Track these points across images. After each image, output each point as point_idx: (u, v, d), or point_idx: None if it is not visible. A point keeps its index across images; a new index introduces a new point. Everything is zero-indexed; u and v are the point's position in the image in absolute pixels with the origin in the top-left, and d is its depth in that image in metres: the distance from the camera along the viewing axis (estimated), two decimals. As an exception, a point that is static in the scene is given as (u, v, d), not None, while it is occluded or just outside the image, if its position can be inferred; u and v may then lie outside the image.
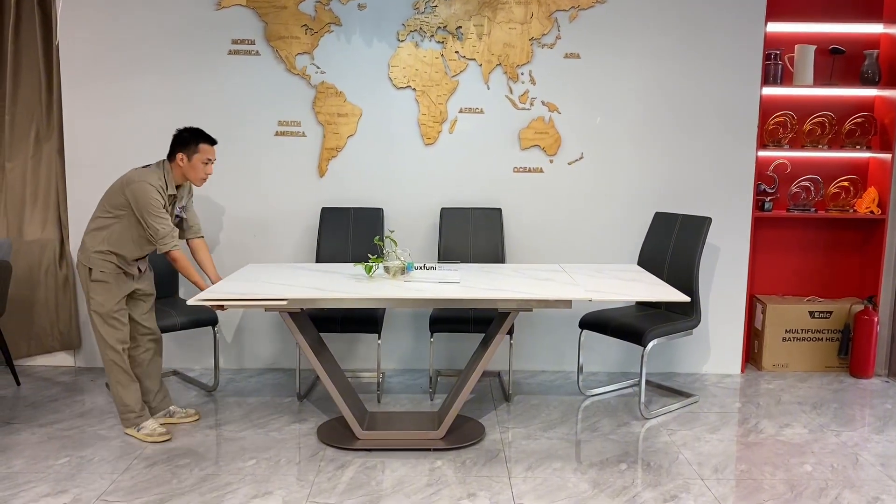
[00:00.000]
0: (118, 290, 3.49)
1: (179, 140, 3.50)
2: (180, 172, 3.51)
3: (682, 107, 4.45)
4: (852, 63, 4.57)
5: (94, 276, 3.44)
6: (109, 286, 3.46)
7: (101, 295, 3.45)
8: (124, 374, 3.52)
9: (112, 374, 3.52)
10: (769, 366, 4.68)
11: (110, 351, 3.49)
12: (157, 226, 3.39)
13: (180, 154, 3.47)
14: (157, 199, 3.39)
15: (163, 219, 3.40)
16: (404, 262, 3.56)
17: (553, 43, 4.40)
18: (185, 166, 3.48)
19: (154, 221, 3.38)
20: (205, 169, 3.52)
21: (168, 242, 3.41)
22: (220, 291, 3.26)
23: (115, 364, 3.50)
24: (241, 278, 3.59)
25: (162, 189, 3.43)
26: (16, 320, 4.42)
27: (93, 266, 3.43)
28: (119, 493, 2.98)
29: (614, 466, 3.29)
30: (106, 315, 3.46)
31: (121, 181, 3.45)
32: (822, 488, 3.11)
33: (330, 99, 4.42)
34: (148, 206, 3.37)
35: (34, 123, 4.45)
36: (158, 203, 3.39)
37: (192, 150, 3.47)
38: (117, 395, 3.54)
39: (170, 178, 3.49)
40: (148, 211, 3.38)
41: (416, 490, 3.04)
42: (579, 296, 3.24)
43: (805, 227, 4.78)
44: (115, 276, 3.47)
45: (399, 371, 4.64)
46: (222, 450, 3.43)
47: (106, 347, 3.49)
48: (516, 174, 4.50)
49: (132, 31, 4.37)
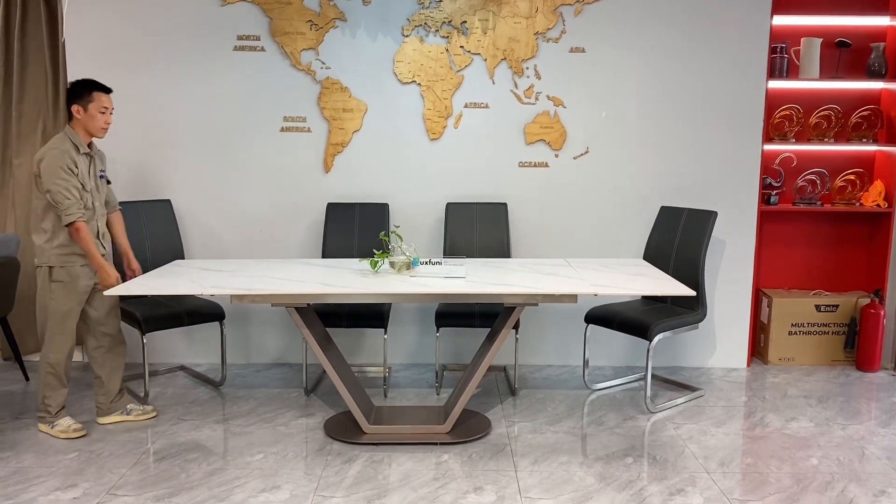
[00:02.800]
0: (80, 287, 3.44)
1: (73, 93, 3.41)
2: (81, 127, 3.41)
3: (688, 101, 4.45)
4: (859, 56, 4.55)
5: (56, 276, 3.39)
6: (70, 285, 3.41)
7: (61, 296, 3.40)
8: (57, 379, 3.49)
9: (45, 376, 3.47)
10: (775, 359, 4.68)
11: (54, 354, 3.45)
12: (62, 194, 3.27)
13: (76, 106, 3.38)
14: (64, 163, 3.28)
15: (67, 186, 3.28)
16: (410, 257, 3.57)
17: (558, 37, 4.39)
18: (83, 118, 3.39)
19: (57, 189, 3.26)
20: (103, 118, 3.43)
21: (74, 212, 3.29)
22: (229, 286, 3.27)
23: (53, 369, 3.46)
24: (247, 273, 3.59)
25: (72, 150, 3.34)
26: (24, 316, 4.45)
27: (53, 264, 3.38)
28: (128, 487, 3.01)
29: (620, 460, 3.30)
30: (63, 317, 3.42)
31: (34, 164, 3.35)
32: (828, 482, 3.11)
33: (335, 94, 4.43)
34: (54, 173, 3.26)
35: (41, 120, 4.46)
36: (64, 169, 3.28)
37: (87, 100, 3.39)
38: (43, 393, 3.49)
39: (76, 139, 3.39)
40: (52, 180, 3.26)
41: (423, 484, 3.06)
42: (585, 290, 3.25)
43: (811, 220, 4.77)
44: (77, 270, 3.41)
45: (405, 366, 4.66)
46: (230, 444, 3.45)
47: (51, 350, 3.44)
48: (522, 169, 4.50)
49: (138, 28, 4.38)
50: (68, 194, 3.29)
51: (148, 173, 4.49)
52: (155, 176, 4.49)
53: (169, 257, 4.31)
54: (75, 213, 3.29)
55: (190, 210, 4.51)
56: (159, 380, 4.33)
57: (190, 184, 4.49)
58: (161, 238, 4.32)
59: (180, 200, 4.49)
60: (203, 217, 4.52)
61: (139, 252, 4.20)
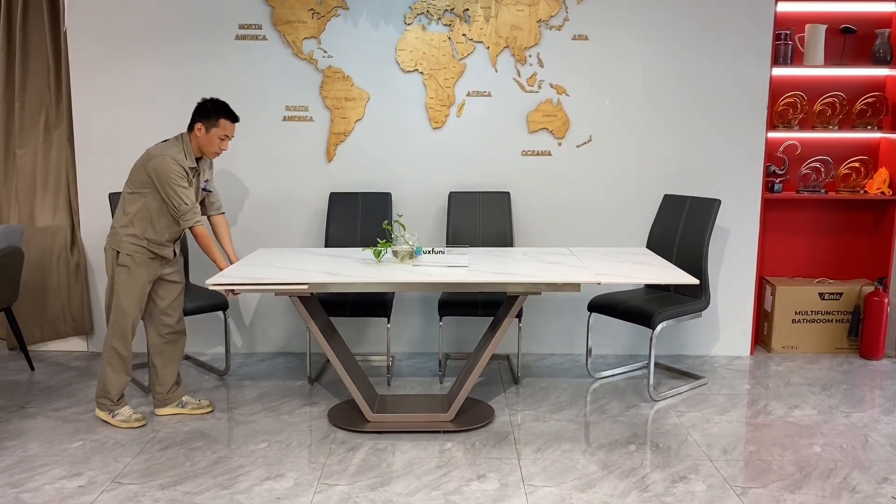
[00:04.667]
0: (144, 275, 3.44)
1: (202, 111, 3.44)
2: (196, 144, 3.45)
3: (692, 88, 4.42)
4: (864, 42, 4.52)
5: (121, 260, 3.39)
6: (135, 271, 3.41)
7: (125, 280, 3.41)
8: (121, 362, 3.49)
9: (109, 357, 3.48)
10: (779, 347, 4.68)
11: (117, 339, 3.45)
12: (180, 200, 3.33)
13: (199, 124, 3.42)
14: (177, 173, 3.33)
15: (185, 193, 3.35)
16: (413, 247, 3.57)
17: (561, 25, 4.37)
18: (202, 137, 3.42)
19: (176, 195, 3.32)
20: (220, 144, 3.47)
21: (191, 217, 3.36)
22: (233, 276, 3.28)
23: (116, 351, 3.47)
24: (251, 263, 3.61)
25: (182, 162, 3.37)
26: (29, 306, 4.46)
27: (121, 249, 3.39)
28: (133, 476, 3.02)
29: (623, 448, 3.31)
30: (126, 301, 3.42)
31: (142, 158, 3.40)
32: (830, 469, 3.11)
33: (337, 83, 4.41)
34: (169, 179, 3.31)
35: (43, 110, 4.47)
36: (180, 176, 3.34)
37: (212, 123, 3.42)
38: (105, 377, 3.49)
39: (188, 151, 3.42)
40: (170, 185, 3.32)
41: (426, 472, 3.07)
42: (588, 279, 3.24)
43: (815, 208, 4.76)
44: (145, 260, 3.43)
45: (408, 354, 4.67)
46: (234, 433, 3.47)
47: (114, 334, 3.45)
48: (525, 157, 4.49)
49: (139, 17, 4.37)
50: (186, 200, 3.34)
51: (151, 163, 4.49)
52: (158, 166, 4.49)
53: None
54: (192, 219, 3.36)
55: (193, 200, 4.51)
56: (164, 369, 4.34)
57: (193, 173, 4.49)
58: (164, 228, 4.32)
59: (183, 190, 4.49)
60: (206, 207, 4.52)
61: (142, 242, 4.21)
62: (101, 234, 4.49)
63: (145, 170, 3.36)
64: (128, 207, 3.42)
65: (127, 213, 3.41)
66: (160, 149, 3.38)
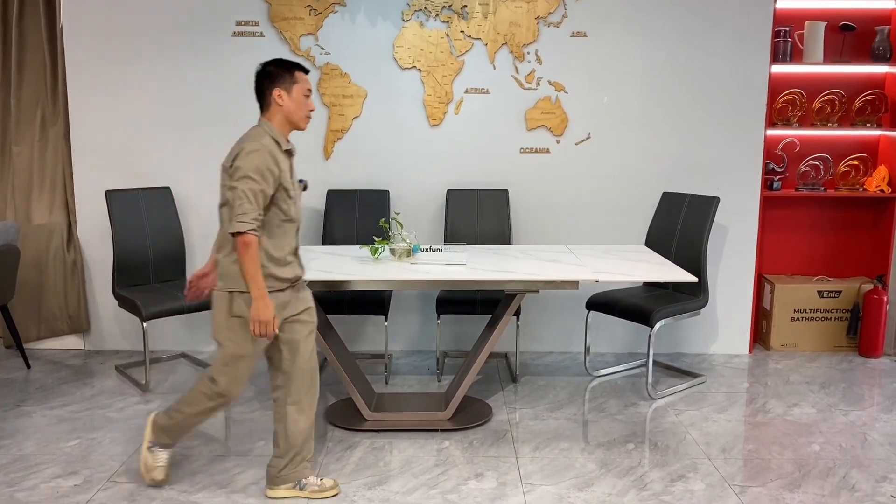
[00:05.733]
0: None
1: (269, 76, 2.71)
2: (282, 117, 2.71)
3: (690, 85, 4.41)
4: (863, 39, 4.51)
5: (236, 311, 2.64)
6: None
7: (239, 335, 2.67)
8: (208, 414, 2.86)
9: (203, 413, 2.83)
10: (777, 346, 4.67)
11: (219, 398, 2.77)
12: (243, 195, 2.55)
13: (277, 90, 2.68)
14: (265, 166, 2.58)
15: (254, 189, 2.56)
16: (410, 244, 3.56)
17: (559, 21, 4.35)
18: (287, 105, 2.69)
19: (242, 187, 2.55)
20: (307, 104, 2.75)
21: (247, 221, 2.54)
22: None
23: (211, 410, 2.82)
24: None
25: (274, 148, 2.65)
26: (25, 304, 4.45)
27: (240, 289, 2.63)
28: (129, 475, 3.01)
29: (621, 446, 3.30)
30: (236, 359, 2.72)
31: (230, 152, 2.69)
32: (829, 468, 3.10)
33: (335, 80, 4.40)
34: (247, 170, 2.56)
35: (40, 107, 4.44)
36: (261, 171, 2.57)
37: (291, 82, 2.70)
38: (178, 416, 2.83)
39: (276, 133, 2.70)
40: (246, 174, 2.56)
41: (424, 470, 3.06)
42: (586, 277, 3.24)
43: (814, 206, 4.75)
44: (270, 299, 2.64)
45: (406, 353, 4.65)
46: (232, 431, 3.45)
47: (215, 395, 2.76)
48: (523, 155, 4.48)
49: (136, 14, 4.34)
50: (252, 198, 2.56)
51: (147, 161, 4.47)
52: (154, 163, 4.47)
53: (169, 245, 4.31)
54: (250, 223, 2.54)
55: (190, 197, 4.49)
56: (161, 367, 4.33)
57: (190, 171, 4.47)
58: (161, 226, 4.30)
59: (180, 188, 4.47)
60: (203, 204, 4.50)
61: (139, 240, 4.20)
62: (97, 231, 4.48)
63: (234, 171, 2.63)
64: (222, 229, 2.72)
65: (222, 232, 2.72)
66: (250, 141, 2.64)
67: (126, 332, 4.61)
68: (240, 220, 2.54)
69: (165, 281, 4.29)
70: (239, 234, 2.55)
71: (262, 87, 2.72)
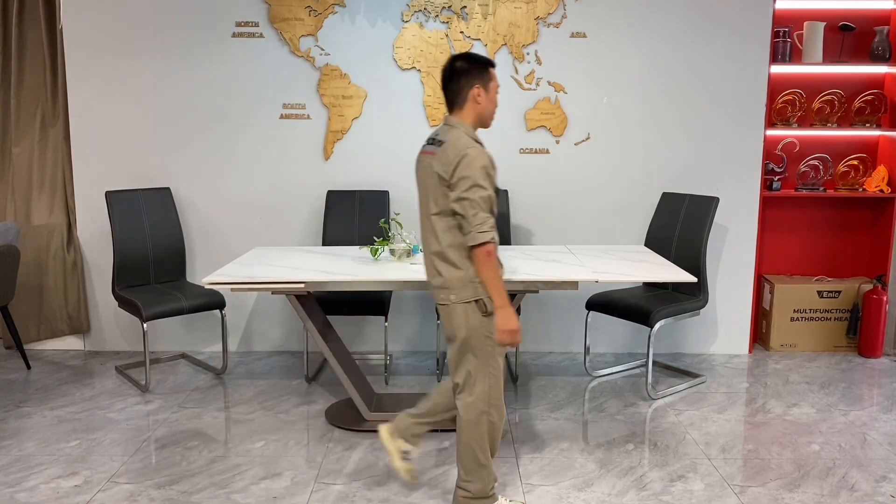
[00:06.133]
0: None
1: (467, 72, 2.56)
2: (475, 116, 2.60)
3: (690, 86, 4.41)
4: (862, 40, 4.51)
5: (490, 308, 2.54)
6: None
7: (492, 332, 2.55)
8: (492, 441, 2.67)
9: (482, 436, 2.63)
10: (777, 346, 4.67)
11: (495, 410, 2.63)
12: (477, 204, 2.44)
13: (477, 88, 2.57)
14: (487, 166, 2.51)
15: (486, 197, 2.47)
16: (410, 245, 3.56)
17: (559, 22, 4.36)
18: (484, 102, 2.59)
19: (475, 196, 2.44)
20: (497, 102, 2.68)
21: (488, 231, 2.44)
22: (230, 274, 3.27)
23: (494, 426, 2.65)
24: (248, 262, 3.59)
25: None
26: (25, 305, 4.45)
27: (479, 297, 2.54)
28: (129, 475, 3.01)
29: (621, 447, 3.30)
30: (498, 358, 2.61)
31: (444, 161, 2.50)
32: (829, 467, 3.11)
33: (335, 81, 4.40)
34: (477, 176, 2.45)
35: (39, 108, 4.45)
36: (487, 173, 2.50)
37: (487, 79, 2.59)
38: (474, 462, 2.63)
39: (472, 132, 2.61)
40: (476, 183, 2.44)
41: (425, 471, 3.06)
42: (586, 277, 3.24)
43: (814, 206, 4.75)
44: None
45: (406, 353, 4.65)
46: (231, 432, 3.45)
47: (490, 404, 2.61)
48: (522, 155, 4.48)
49: (136, 15, 4.35)
50: (485, 205, 2.46)
51: (147, 161, 4.47)
52: (154, 164, 4.48)
53: (169, 245, 4.31)
54: (490, 231, 2.44)
55: (190, 198, 4.50)
56: (161, 368, 4.33)
57: (189, 172, 4.48)
58: (161, 226, 4.31)
59: (180, 188, 4.48)
60: (203, 205, 4.51)
61: (139, 241, 4.20)
62: (97, 232, 4.48)
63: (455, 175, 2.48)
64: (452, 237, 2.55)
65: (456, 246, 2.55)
66: (464, 140, 2.54)
67: (126, 332, 4.62)
68: (481, 231, 2.43)
69: (165, 281, 4.30)
70: (482, 245, 2.44)
71: (458, 84, 2.57)
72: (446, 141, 2.55)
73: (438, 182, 2.53)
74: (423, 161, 2.62)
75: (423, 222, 2.63)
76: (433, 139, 2.62)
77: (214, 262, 4.50)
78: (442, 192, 2.52)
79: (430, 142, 2.64)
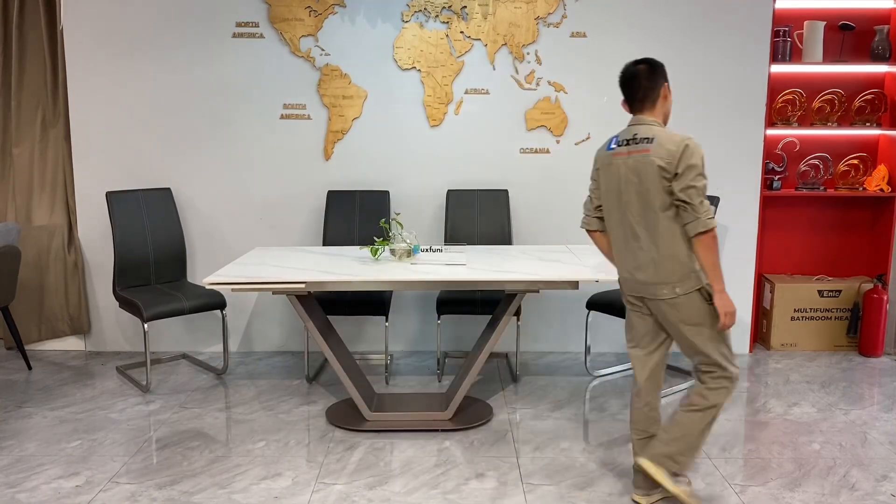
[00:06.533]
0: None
1: (660, 71, 2.72)
2: (663, 113, 2.73)
3: (690, 85, 4.41)
4: (862, 39, 4.51)
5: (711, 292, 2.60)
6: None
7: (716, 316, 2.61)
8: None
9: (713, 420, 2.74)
10: (777, 345, 4.67)
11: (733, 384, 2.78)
12: (703, 192, 2.53)
13: (667, 86, 2.71)
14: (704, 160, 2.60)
15: (706, 185, 2.57)
16: (411, 245, 3.56)
17: (559, 22, 4.36)
18: (669, 100, 2.74)
19: (701, 185, 2.54)
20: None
21: (713, 217, 2.53)
22: (231, 275, 3.27)
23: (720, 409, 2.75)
24: (248, 262, 3.59)
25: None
26: (26, 305, 4.45)
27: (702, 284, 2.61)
28: (130, 475, 3.01)
29: (622, 446, 3.30)
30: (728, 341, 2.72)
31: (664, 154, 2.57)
32: (830, 467, 3.11)
33: (335, 81, 4.40)
34: (702, 167, 2.57)
35: (40, 108, 4.45)
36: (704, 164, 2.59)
37: (667, 78, 2.73)
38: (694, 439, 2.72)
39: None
40: (701, 172, 2.55)
41: (425, 470, 3.06)
42: (586, 276, 3.24)
43: (814, 205, 4.75)
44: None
45: (407, 353, 4.66)
46: (232, 432, 3.46)
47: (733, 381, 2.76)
48: (523, 155, 4.48)
49: (136, 15, 4.35)
50: (705, 193, 2.56)
51: (148, 161, 4.48)
52: (155, 164, 4.48)
53: (170, 246, 4.31)
54: (714, 217, 2.55)
55: (190, 198, 4.50)
56: (162, 368, 4.33)
57: (190, 172, 4.48)
58: (161, 226, 4.31)
59: (180, 189, 4.48)
60: (203, 205, 4.51)
61: (140, 241, 4.20)
62: (98, 232, 4.49)
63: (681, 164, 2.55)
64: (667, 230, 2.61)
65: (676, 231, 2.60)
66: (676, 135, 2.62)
67: (127, 333, 4.62)
68: (709, 217, 2.51)
69: (166, 282, 4.30)
70: (709, 231, 2.51)
71: (653, 82, 2.69)
72: (654, 136, 2.61)
73: (660, 177, 2.58)
74: (617, 162, 2.69)
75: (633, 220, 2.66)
76: (629, 139, 2.68)
77: (215, 263, 4.51)
78: (663, 187, 2.57)
79: (625, 142, 2.69)
